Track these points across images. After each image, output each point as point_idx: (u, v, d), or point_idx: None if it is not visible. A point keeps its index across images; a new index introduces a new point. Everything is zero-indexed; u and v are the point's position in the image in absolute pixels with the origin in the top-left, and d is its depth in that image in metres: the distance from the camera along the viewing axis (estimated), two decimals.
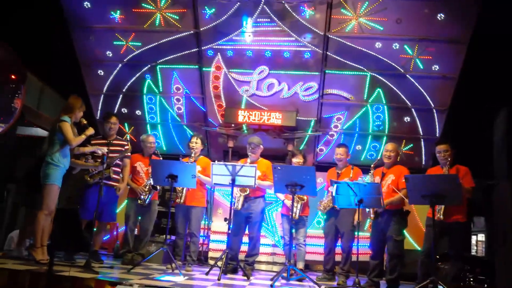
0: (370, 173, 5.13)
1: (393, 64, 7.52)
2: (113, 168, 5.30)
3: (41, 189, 4.64)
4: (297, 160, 5.75)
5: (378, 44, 7.38)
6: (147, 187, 5.60)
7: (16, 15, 8.00)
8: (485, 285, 5.74)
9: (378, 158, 5.37)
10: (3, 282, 3.70)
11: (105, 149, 5.00)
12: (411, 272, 5.37)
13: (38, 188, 4.68)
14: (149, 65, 8.15)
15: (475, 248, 7.28)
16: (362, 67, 7.68)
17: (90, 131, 4.94)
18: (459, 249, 4.96)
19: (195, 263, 5.69)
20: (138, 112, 8.65)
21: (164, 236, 5.58)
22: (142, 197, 5.59)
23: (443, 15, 6.93)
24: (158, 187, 5.66)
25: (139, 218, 5.88)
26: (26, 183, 5.25)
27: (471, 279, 5.83)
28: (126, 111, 8.61)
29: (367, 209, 5.03)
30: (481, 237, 7.08)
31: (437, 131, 7.90)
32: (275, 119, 7.82)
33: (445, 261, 4.92)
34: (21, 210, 5.53)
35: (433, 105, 7.73)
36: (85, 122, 4.97)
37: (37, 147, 6.05)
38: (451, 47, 7.22)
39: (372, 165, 5.21)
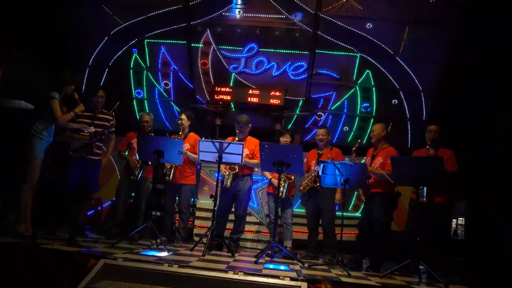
0: (351, 156, 5.14)
1: (383, 45, 7.50)
2: (96, 143, 5.22)
3: (26, 162, 4.58)
4: (284, 139, 5.77)
5: (369, 25, 7.34)
6: (139, 162, 5.56)
7: None
8: (464, 267, 5.86)
9: (359, 140, 5.43)
10: None
11: (92, 129, 4.94)
12: (393, 252, 5.47)
13: (22, 161, 4.63)
14: (136, 39, 8.00)
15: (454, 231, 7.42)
16: (352, 48, 7.64)
17: (80, 107, 4.86)
18: (441, 231, 5.06)
19: (183, 239, 5.70)
20: (124, 87, 8.50)
21: (150, 211, 5.60)
22: (135, 172, 5.56)
23: None
24: (149, 162, 5.61)
25: (133, 194, 5.90)
26: (11, 156, 5.18)
27: (451, 261, 5.96)
28: (112, 86, 8.45)
29: (356, 192, 5.07)
30: (461, 220, 7.20)
31: (424, 114, 7.96)
32: (264, 98, 7.78)
33: (427, 242, 5.01)
34: (5, 183, 5.46)
35: (421, 88, 7.77)
36: (77, 96, 4.87)
37: (21, 119, 5.93)
38: (442, 30, 7.18)
39: (353, 148, 5.19)
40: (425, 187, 4.77)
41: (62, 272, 3.54)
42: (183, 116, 5.71)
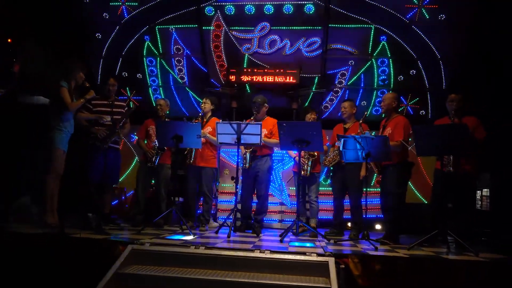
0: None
1: (398, 15, 7.28)
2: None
3: (48, 155, 4.67)
4: (312, 116, 5.80)
5: None
6: (155, 149, 5.62)
7: None
8: (491, 237, 5.77)
9: (366, 113, 5.36)
10: (16, 244, 3.75)
11: (108, 118, 5.09)
12: (418, 225, 5.42)
13: (44, 154, 4.72)
14: (147, 26, 7.95)
15: (479, 203, 7.30)
16: (366, 20, 7.45)
17: (90, 94, 4.93)
18: (467, 201, 4.96)
19: (207, 223, 5.74)
20: (139, 76, 8.51)
21: (173, 197, 5.66)
22: (152, 159, 5.66)
23: None
24: (165, 148, 5.68)
25: (152, 181, 6.04)
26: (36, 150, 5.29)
27: (478, 232, 5.86)
28: (126, 75, 8.47)
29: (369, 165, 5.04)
30: (486, 192, 7.07)
31: (443, 83, 7.75)
32: (279, 77, 7.69)
33: (453, 212, 4.93)
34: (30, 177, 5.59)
35: (439, 57, 7.55)
36: (87, 84, 4.94)
37: (40, 114, 6.01)
38: None
39: (361, 121, 5.15)
40: (451, 156, 4.68)
41: (91, 260, 3.60)
42: (207, 100, 5.78)
